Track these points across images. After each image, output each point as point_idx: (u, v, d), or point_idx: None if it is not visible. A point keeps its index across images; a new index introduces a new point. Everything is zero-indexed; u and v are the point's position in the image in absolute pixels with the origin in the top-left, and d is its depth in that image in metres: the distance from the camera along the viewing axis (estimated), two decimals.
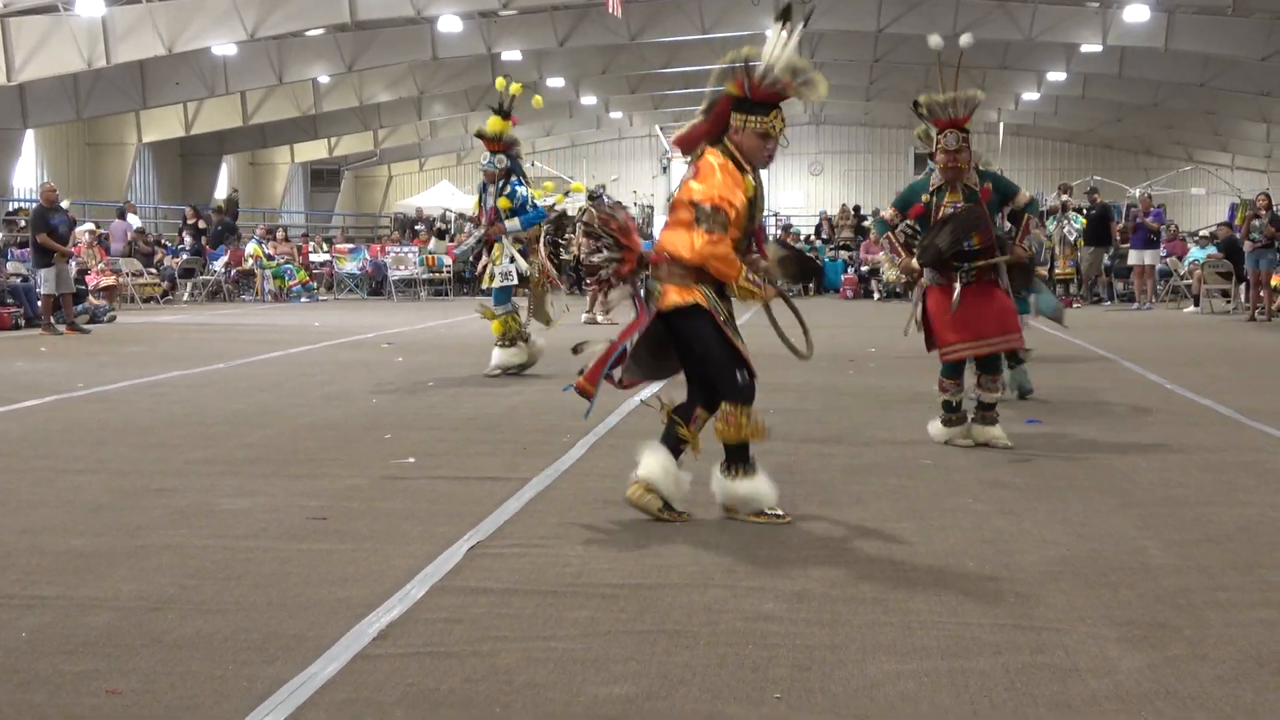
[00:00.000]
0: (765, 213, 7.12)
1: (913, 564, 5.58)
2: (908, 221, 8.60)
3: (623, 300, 6.66)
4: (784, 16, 6.34)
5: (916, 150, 11.81)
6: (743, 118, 6.27)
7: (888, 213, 8.82)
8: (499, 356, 12.55)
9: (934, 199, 8.51)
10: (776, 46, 6.27)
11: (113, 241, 28.72)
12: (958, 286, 8.33)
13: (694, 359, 6.45)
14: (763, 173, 6.46)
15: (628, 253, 6.31)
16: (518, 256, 12.24)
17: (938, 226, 8.36)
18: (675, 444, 6.38)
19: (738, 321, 6.61)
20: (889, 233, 8.67)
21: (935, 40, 8.91)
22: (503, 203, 12.29)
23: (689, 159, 6.40)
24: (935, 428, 8.75)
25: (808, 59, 6.47)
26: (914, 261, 8.47)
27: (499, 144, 12.56)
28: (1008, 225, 8.83)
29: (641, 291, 6.41)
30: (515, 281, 12.35)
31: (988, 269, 8.41)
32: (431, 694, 4.02)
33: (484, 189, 12.79)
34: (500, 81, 12.71)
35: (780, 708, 3.93)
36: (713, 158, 6.25)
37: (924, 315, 8.59)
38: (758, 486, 6.35)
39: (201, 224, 30.50)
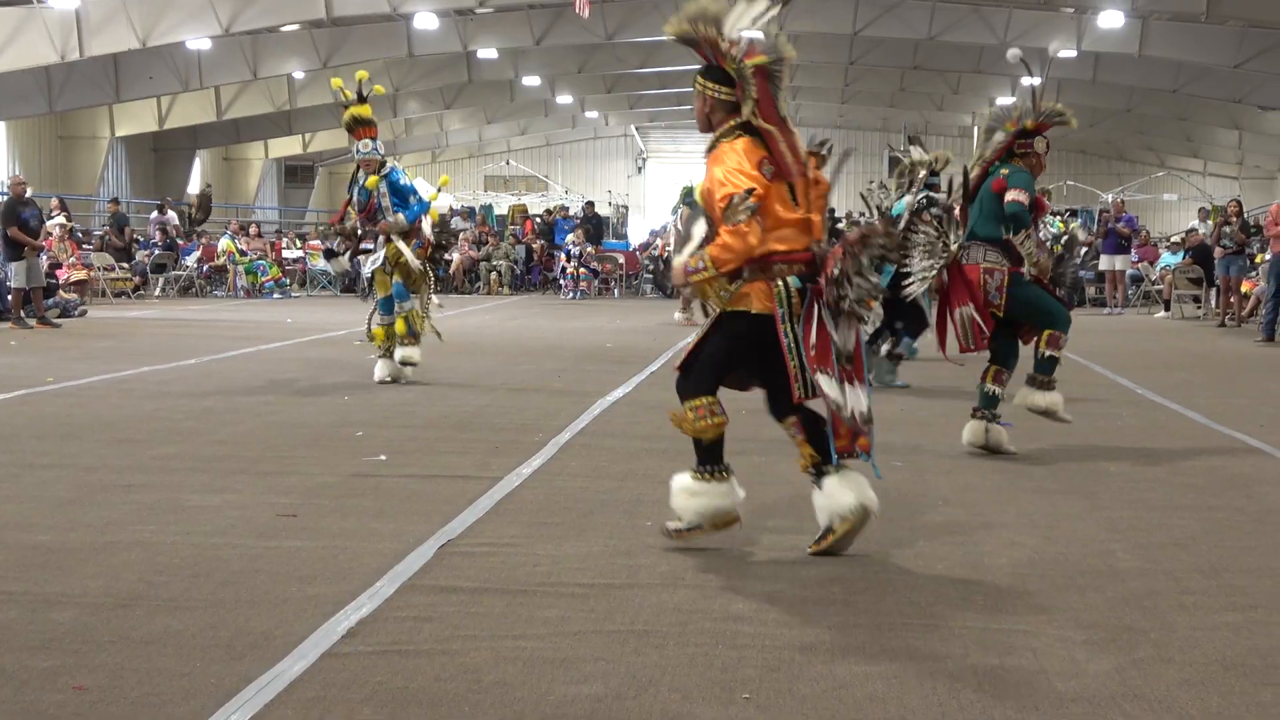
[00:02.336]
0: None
1: (882, 566, 5.59)
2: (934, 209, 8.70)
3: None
4: None
5: (890, 154, 11.84)
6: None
7: (1025, 200, 8.29)
8: (404, 354, 11.62)
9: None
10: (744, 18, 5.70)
11: (153, 233, 28.92)
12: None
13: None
14: None
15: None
16: (408, 252, 11.41)
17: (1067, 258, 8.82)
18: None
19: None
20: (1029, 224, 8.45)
21: (1014, 54, 8.96)
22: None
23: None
24: (1048, 398, 8.56)
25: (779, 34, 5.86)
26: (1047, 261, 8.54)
27: (374, 129, 11.77)
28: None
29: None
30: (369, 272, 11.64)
31: None
32: (400, 692, 4.02)
33: (355, 182, 11.82)
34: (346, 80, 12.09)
35: (749, 708, 3.94)
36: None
37: (1020, 288, 8.40)
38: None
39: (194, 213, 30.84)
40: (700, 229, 5.77)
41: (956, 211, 8.51)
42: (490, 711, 3.88)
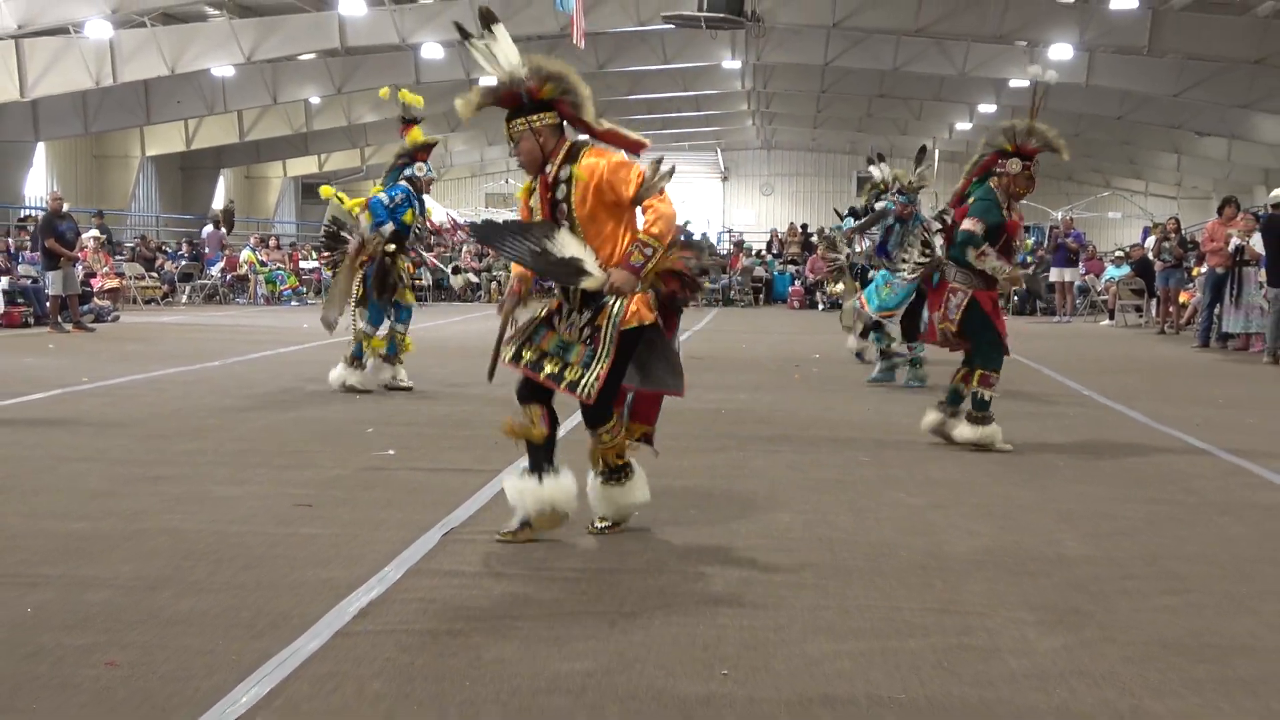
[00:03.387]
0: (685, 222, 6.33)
1: (850, 553, 5.59)
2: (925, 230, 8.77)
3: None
4: (486, 21, 5.73)
5: (859, 174, 11.86)
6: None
7: (977, 228, 8.34)
8: (397, 373, 11.23)
9: (1009, 214, 8.53)
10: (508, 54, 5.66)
11: (207, 247, 28.97)
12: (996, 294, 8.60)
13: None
14: (720, 192, 6.20)
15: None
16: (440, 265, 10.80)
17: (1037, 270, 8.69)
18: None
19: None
20: (986, 243, 8.36)
21: (1034, 70, 8.97)
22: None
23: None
24: (975, 431, 8.40)
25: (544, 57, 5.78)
26: (1021, 271, 8.55)
27: (427, 152, 11.30)
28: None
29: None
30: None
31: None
32: (407, 668, 4.01)
33: (417, 198, 11.15)
34: (384, 92, 11.59)
35: (727, 684, 3.94)
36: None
37: (975, 314, 8.45)
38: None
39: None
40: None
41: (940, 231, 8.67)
42: (489, 686, 3.87)
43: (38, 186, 30.79)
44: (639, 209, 5.54)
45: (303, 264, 31.11)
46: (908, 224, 12.00)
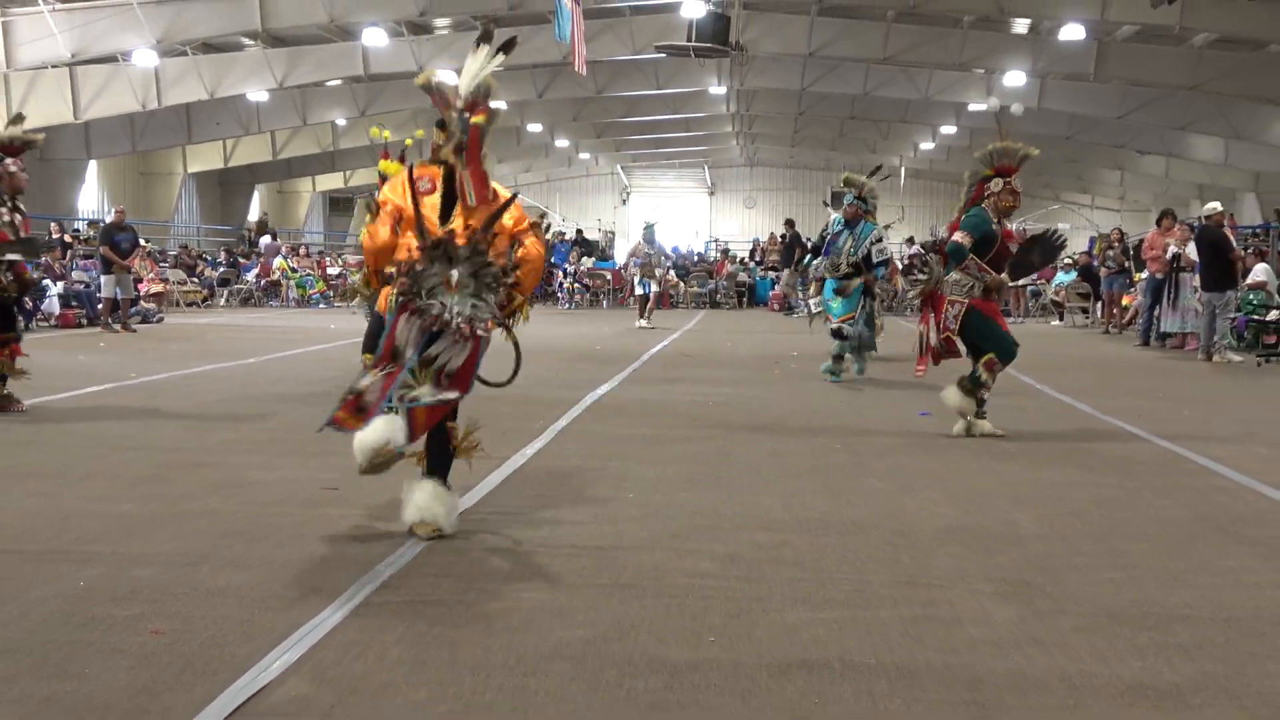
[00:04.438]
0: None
1: (825, 532, 5.60)
2: (917, 251, 8.76)
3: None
4: (484, 39, 5.75)
5: (833, 189, 11.86)
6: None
7: (966, 240, 8.41)
8: None
9: (996, 229, 8.54)
10: (469, 80, 5.57)
11: (267, 256, 29.09)
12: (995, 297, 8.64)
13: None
14: (707, 205, 6.23)
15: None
16: None
17: (1027, 248, 8.78)
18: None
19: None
20: (966, 258, 8.43)
21: (993, 103, 9.02)
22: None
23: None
24: (963, 402, 8.49)
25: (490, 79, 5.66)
26: (1005, 277, 8.52)
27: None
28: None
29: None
30: None
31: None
32: (423, 636, 4.01)
33: None
34: (375, 131, 11.02)
35: (714, 649, 3.94)
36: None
37: (973, 320, 8.48)
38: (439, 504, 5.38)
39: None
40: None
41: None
42: (498, 652, 3.87)
43: (90, 200, 30.77)
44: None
45: (330, 270, 31.09)
46: (854, 229, 12.02)
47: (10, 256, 8.98)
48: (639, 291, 21.33)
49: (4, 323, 9.03)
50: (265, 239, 32.23)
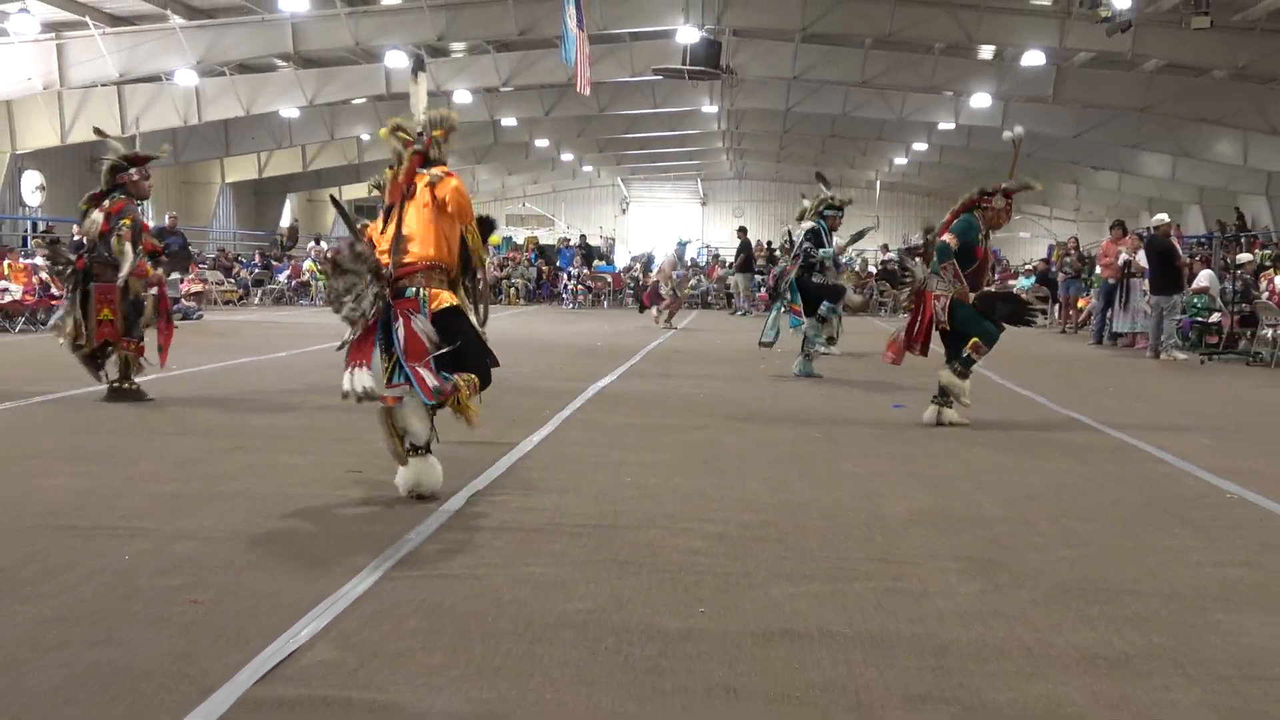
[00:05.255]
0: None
1: (806, 513, 5.60)
2: (891, 257, 8.83)
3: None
4: (418, 69, 6.13)
5: (804, 194, 11.93)
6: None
7: (954, 243, 8.49)
8: None
9: (984, 240, 8.67)
10: (419, 106, 5.97)
11: (315, 257, 29.20)
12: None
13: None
14: (699, 214, 6.37)
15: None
16: None
17: (1003, 297, 8.93)
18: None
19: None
20: (951, 259, 8.49)
21: (1007, 135, 9.09)
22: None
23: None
24: (956, 383, 8.53)
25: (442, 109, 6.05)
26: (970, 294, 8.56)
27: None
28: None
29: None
30: None
31: None
32: (438, 607, 4.01)
33: None
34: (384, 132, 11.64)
35: (704, 620, 3.94)
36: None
37: (959, 311, 8.54)
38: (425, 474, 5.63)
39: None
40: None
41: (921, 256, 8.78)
42: (507, 622, 3.87)
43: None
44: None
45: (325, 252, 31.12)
46: (832, 234, 12.11)
47: (160, 271, 9.21)
48: (663, 292, 21.20)
49: (129, 325, 9.04)
50: (311, 244, 32.25)
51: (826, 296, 12.04)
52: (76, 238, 10.22)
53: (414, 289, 5.50)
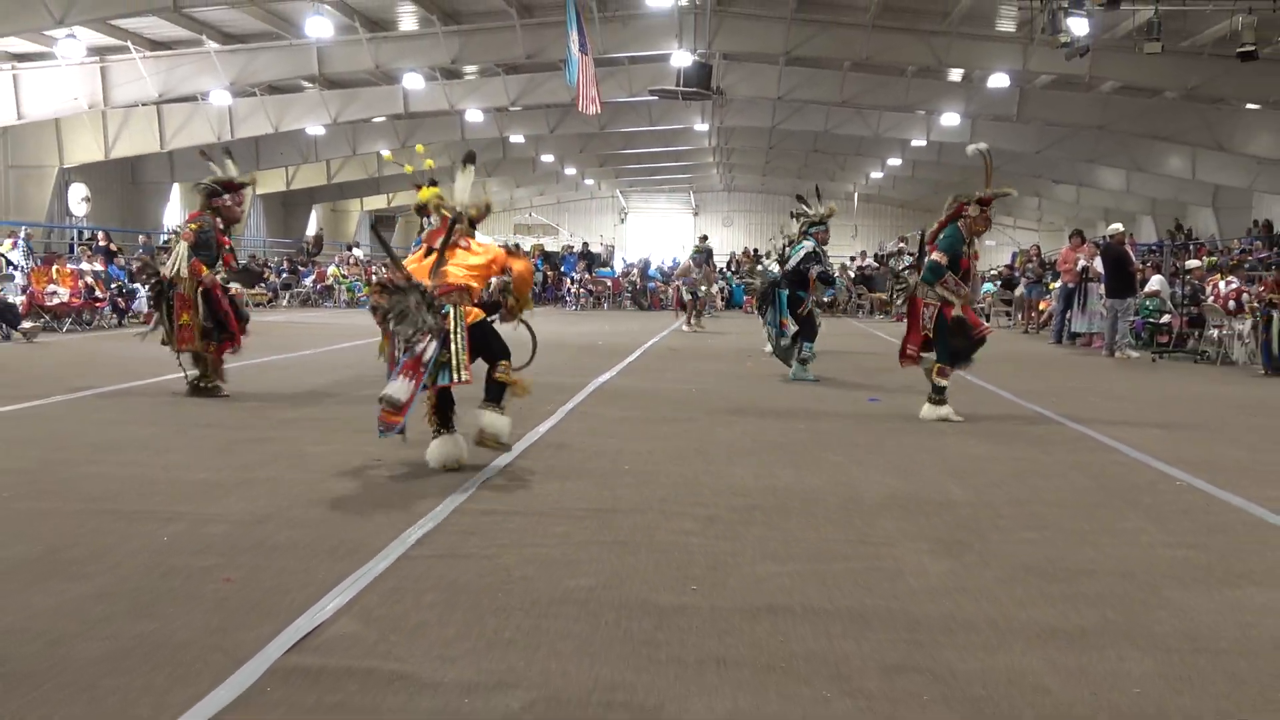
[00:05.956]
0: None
1: (789, 497, 5.60)
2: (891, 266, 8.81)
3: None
4: (468, 161, 6.68)
5: (792, 212, 11.89)
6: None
7: (943, 259, 8.44)
8: None
9: (968, 250, 8.58)
10: (463, 190, 6.55)
11: (347, 266, 29.97)
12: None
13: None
14: (691, 223, 6.56)
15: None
16: None
17: (961, 339, 8.54)
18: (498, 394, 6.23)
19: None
20: (947, 273, 8.43)
21: (971, 148, 9.05)
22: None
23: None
24: (935, 410, 8.50)
25: (483, 191, 6.60)
26: (966, 291, 8.52)
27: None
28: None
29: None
30: None
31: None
32: (453, 584, 4.01)
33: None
34: (420, 149, 11.69)
35: (696, 596, 3.94)
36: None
37: (941, 322, 8.50)
38: (499, 421, 6.16)
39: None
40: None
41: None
42: (517, 597, 3.87)
43: (173, 217, 30.65)
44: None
45: (374, 276, 31.00)
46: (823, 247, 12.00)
47: (233, 285, 9.38)
48: (686, 297, 21.12)
49: (219, 328, 9.13)
50: (345, 249, 32.38)
51: (804, 329, 11.60)
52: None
53: (449, 306, 5.92)
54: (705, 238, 29.65)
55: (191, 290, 9.00)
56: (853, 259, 33.18)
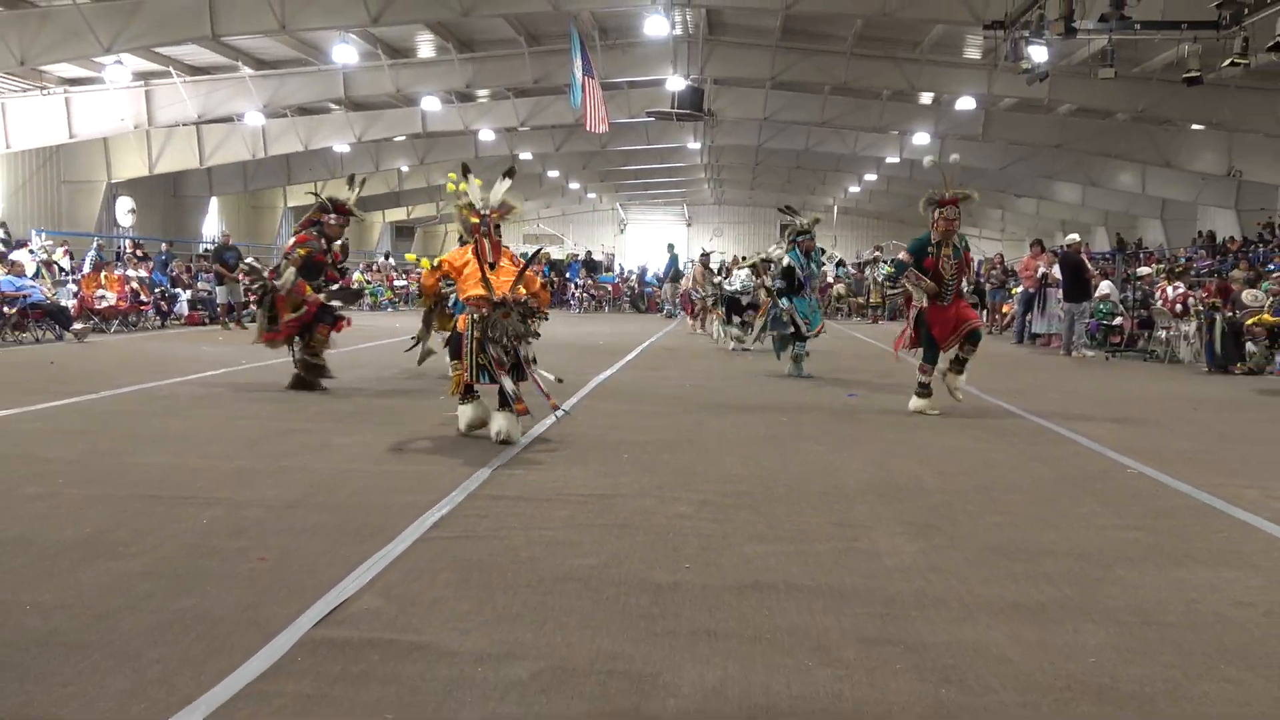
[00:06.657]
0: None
1: (774, 484, 5.60)
2: (886, 267, 8.80)
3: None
4: (508, 174, 7.01)
5: (781, 223, 11.82)
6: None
7: (906, 257, 8.45)
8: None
9: (936, 250, 8.46)
10: (497, 191, 6.85)
11: (371, 273, 29.99)
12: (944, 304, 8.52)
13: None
14: (684, 234, 6.72)
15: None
16: None
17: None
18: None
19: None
20: (910, 269, 8.40)
21: (928, 160, 9.04)
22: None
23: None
24: (916, 402, 8.50)
25: (511, 194, 6.94)
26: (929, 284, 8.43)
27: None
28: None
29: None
30: None
31: (959, 291, 8.56)
32: (466, 563, 4.00)
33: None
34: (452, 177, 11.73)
35: (689, 574, 3.94)
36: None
37: (918, 323, 8.53)
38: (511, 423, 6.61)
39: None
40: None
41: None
42: (525, 575, 3.87)
43: (211, 228, 30.62)
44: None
45: (396, 282, 30.99)
46: (811, 255, 11.81)
47: (334, 303, 9.54)
48: (694, 299, 21.01)
49: (322, 316, 9.41)
50: (380, 258, 32.51)
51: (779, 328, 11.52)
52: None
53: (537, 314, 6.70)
54: (672, 246, 29.66)
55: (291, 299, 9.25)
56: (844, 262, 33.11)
